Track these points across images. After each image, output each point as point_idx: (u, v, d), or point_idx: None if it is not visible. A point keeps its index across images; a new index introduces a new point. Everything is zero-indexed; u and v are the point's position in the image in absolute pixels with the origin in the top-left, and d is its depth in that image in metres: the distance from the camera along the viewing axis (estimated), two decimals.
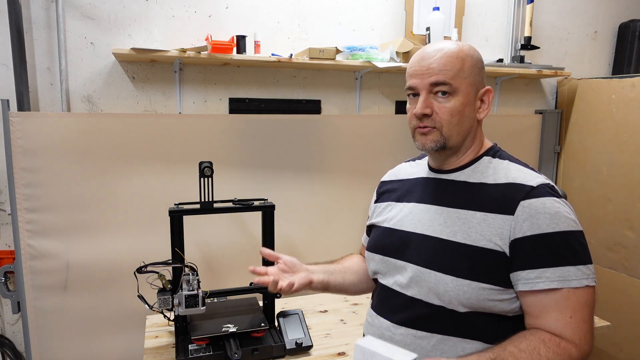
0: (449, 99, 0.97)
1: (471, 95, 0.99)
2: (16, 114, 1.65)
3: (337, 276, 1.22)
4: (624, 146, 2.21)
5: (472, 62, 0.99)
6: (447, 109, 0.98)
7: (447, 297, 0.95)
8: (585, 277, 0.90)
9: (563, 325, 0.88)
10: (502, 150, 1.07)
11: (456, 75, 0.97)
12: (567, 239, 0.90)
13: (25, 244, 1.69)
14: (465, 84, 0.98)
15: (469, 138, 1.03)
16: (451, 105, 0.97)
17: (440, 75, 0.97)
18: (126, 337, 1.83)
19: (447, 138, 0.99)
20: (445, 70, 0.97)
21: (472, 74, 0.99)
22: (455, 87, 0.97)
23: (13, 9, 1.64)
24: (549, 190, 0.94)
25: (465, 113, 0.99)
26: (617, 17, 2.64)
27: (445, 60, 0.97)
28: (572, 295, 0.88)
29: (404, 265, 1.04)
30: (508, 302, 0.94)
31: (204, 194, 1.45)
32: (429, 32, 2.14)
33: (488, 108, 1.02)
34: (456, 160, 1.05)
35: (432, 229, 1.01)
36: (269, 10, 2.01)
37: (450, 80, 0.97)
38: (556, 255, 0.89)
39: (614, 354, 2.29)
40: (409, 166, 1.21)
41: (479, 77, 1.01)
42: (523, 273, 0.90)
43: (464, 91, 0.98)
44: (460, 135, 1.00)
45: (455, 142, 1.00)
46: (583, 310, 0.89)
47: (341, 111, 2.19)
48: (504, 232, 0.92)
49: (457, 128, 0.99)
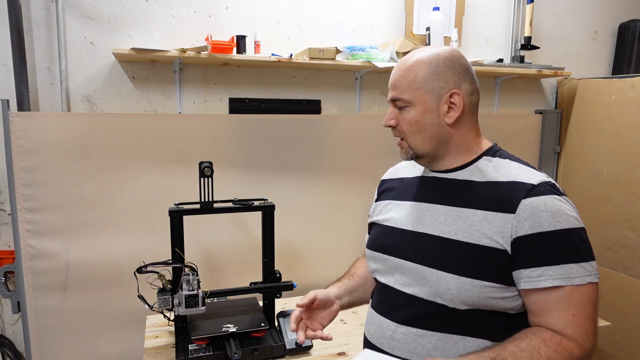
0: (407, 110, 1.02)
1: (430, 103, 1.00)
2: (16, 114, 1.65)
3: (359, 292, 1.25)
4: (624, 146, 2.21)
5: (428, 70, 0.99)
6: (405, 120, 1.02)
7: (448, 296, 0.95)
8: (587, 274, 0.89)
9: (565, 323, 0.89)
10: (503, 150, 1.07)
11: (407, 88, 1.00)
12: (569, 236, 0.90)
13: (25, 244, 1.69)
14: (420, 93, 1.00)
15: (442, 143, 1.02)
16: (409, 117, 1.02)
17: (395, 91, 1.03)
18: (126, 337, 1.83)
19: (414, 147, 1.03)
20: (397, 85, 1.02)
21: (427, 82, 0.99)
22: (407, 100, 1.01)
23: (13, 9, 1.64)
24: (550, 188, 0.94)
25: (424, 121, 1.00)
26: (617, 17, 2.64)
27: (398, 75, 1.03)
28: (575, 292, 0.89)
29: (404, 264, 1.04)
30: (510, 300, 0.94)
31: (204, 194, 1.45)
32: (429, 32, 2.14)
33: (459, 111, 1.00)
34: (443, 163, 1.05)
35: (433, 228, 1.02)
36: (269, 10, 2.01)
37: (401, 95, 1.01)
38: (558, 253, 0.89)
39: (614, 354, 2.29)
40: (410, 164, 1.21)
41: (440, 83, 0.99)
42: (526, 271, 0.91)
43: (420, 100, 1.00)
44: (426, 143, 1.02)
45: (424, 149, 1.03)
46: (586, 308, 0.89)
47: (341, 111, 2.19)
48: (506, 231, 0.92)
49: (420, 136, 1.02)
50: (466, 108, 1.01)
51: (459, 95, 1.00)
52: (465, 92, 1.00)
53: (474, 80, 1.03)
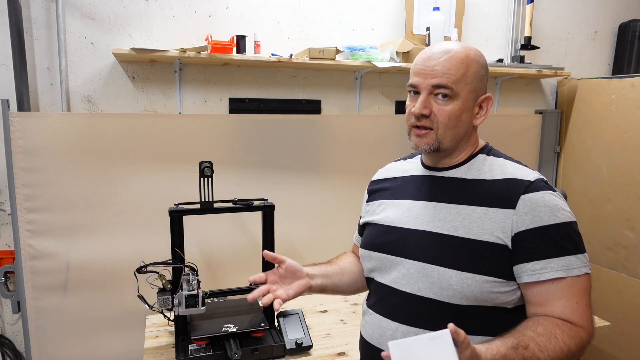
0: (449, 102, 0.99)
1: (470, 102, 1.01)
2: (16, 114, 1.65)
3: (334, 279, 1.24)
4: (624, 146, 2.21)
5: (476, 69, 1.00)
6: (446, 112, 0.99)
7: (450, 292, 0.96)
8: (584, 265, 0.94)
9: (571, 312, 0.92)
10: (495, 149, 1.10)
11: (459, 80, 0.98)
12: (567, 230, 0.94)
13: (25, 244, 1.70)
14: (467, 89, 0.99)
15: (462, 142, 1.05)
16: (450, 109, 0.99)
17: (444, 78, 0.98)
18: (126, 337, 1.83)
19: (442, 141, 1.01)
20: (449, 74, 0.98)
21: (474, 80, 1.00)
22: (456, 91, 0.98)
23: (13, 9, 1.64)
24: (545, 184, 0.98)
25: (462, 118, 1.00)
26: (617, 17, 2.64)
27: (450, 63, 0.98)
28: (576, 282, 0.92)
29: (403, 262, 1.05)
30: (509, 294, 0.96)
31: (204, 194, 1.45)
32: (429, 32, 2.14)
33: (485, 115, 1.04)
34: (449, 161, 1.07)
35: (433, 225, 1.02)
36: (269, 10, 2.01)
37: (452, 85, 0.98)
38: (558, 246, 0.93)
39: (614, 354, 2.29)
40: (400, 164, 1.21)
41: (481, 84, 1.02)
42: (528, 265, 0.93)
43: (464, 97, 0.99)
44: (455, 140, 1.02)
45: (448, 145, 1.02)
46: (585, 297, 0.93)
47: (341, 111, 2.19)
48: (506, 226, 0.94)
49: (452, 132, 1.01)
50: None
51: (490, 100, 1.04)
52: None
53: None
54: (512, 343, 0.87)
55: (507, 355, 0.86)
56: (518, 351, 0.87)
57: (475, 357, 0.80)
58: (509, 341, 0.88)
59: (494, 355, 0.85)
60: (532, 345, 0.87)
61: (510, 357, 0.86)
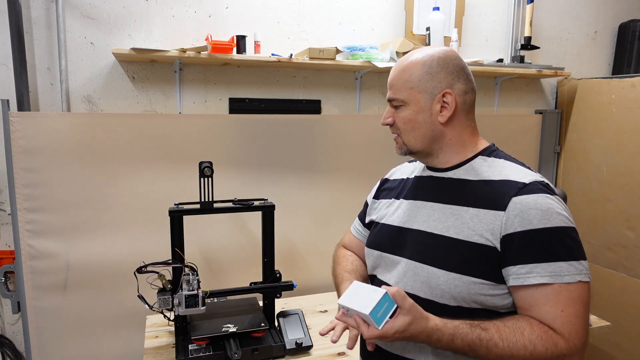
0: (402, 109, 1.05)
1: (423, 102, 1.02)
2: (16, 114, 1.65)
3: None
4: (624, 146, 2.21)
5: (422, 71, 1.02)
6: (400, 119, 1.05)
7: (439, 291, 0.97)
8: (577, 273, 0.89)
9: (553, 318, 0.89)
10: (499, 150, 1.08)
11: (401, 88, 1.04)
12: (559, 234, 0.90)
13: (25, 244, 1.69)
14: (414, 93, 1.02)
15: (435, 141, 1.05)
16: (403, 115, 1.04)
17: (391, 91, 1.06)
18: (126, 337, 1.83)
19: (407, 144, 1.06)
20: (395, 86, 1.05)
21: (421, 82, 1.02)
22: (402, 99, 1.04)
23: (13, 9, 1.64)
24: (541, 187, 0.95)
25: (418, 120, 1.03)
26: (617, 17, 2.64)
27: (394, 75, 1.06)
28: (564, 290, 0.88)
29: (398, 261, 1.06)
30: (500, 298, 0.94)
31: (204, 194, 1.45)
32: (429, 32, 2.14)
33: (452, 110, 1.02)
34: (438, 161, 1.07)
35: (427, 225, 1.03)
36: (269, 10, 2.01)
37: (396, 95, 1.05)
38: (547, 251, 0.90)
39: (614, 354, 2.29)
40: (411, 166, 1.24)
41: (434, 82, 1.01)
42: (514, 268, 0.91)
43: (413, 100, 1.03)
44: (419, 140, 1.05)
45: (417, 146, 1.06)
46: (575, 306, 0.88)
47: (341, 111, 2.19)
48: (495, 228, 0.93)
49: (414, 134, 1.04)
50: (459, 107, 1.02)
51: (451, 94, 1.01)
52: (458, 91, 1.02)
53: (469, 80, 1.04)
54: (471, 321, 0.89)
55: (460, 327, 0.88)
56: (474, 329, 0.88)
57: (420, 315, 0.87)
58: (470, 322, 0.89)
59: (445, 323, 0.89)
60: (492, 330, 0.88)
61: (463, 330, 0.88)
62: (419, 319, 0.87)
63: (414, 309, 0.87)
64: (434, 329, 0.88)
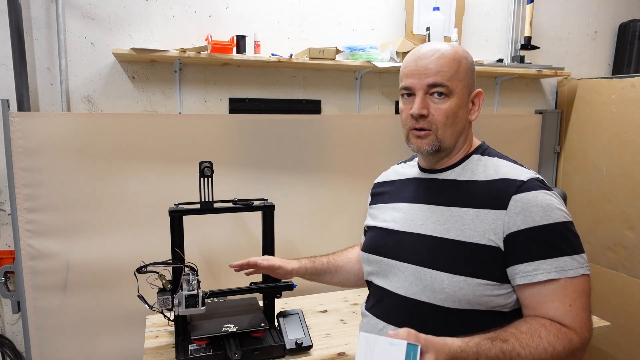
0: (445, 100, 0.99)
1: (465, 97, 1.01)
2: (16, 114, 1.65)
3: (325, 277, 1.36)
4: (624, 146, 2.21)
5: (466, 65, 1.01)
6: (443, 111, 0.99)
7: (443, 295, 0.96)
8: (580, 266, 0.91)
9: (562, 314, 0.89)
10: (491, 148, 1.09)
11: (453, 77, 0.98)
12: (561, 230, 0.91)
13: (25, 244, 1.69)
14: (461, 86, 1.00)
15: (461, 139, 1.05)
16: (447, 107, 0.99)
17: (438, 76, 0.98)
18: (126, 337, 1.83)
19: (442, 140, 1.01)
20: (443, 71, 0.98)
21: (466, 76, 1.01)
22: (451, 89, 0.98)
23: (13, 9, 1.64)
24: (539, 184, 0.95)
25: (459, 115, 1.01)
26: (617, 17, 2.64)
27: (443, 61, 0.98)
28: (570, 284, 0.90)
29: (398, 265, 1.05)
30: (504, 297, 0.95)
31: (204, 194, 1.45)
32: (429, 32, 2.14)
33: (478, 110, 1.05)
34: (448, 161, 1.07)
35: (426, 228, 1.02)
36: (269, 10, 2.01)
37: (447, 82, 0.98)
38: (552, 247, 0.90)
39: (614, 354, 2.29)
40: (400, 168, 1.22)
41: (472, 80, 1.03)
42: (520, 267, 0.91)
43: (459, 93, 1.00)
44: (454, 137, 1.02)
45: (449, 143, 1.02)
46: (581, 299, 0.90)
47: (341, 111, 2.19)
48: (498, 227, 0.93)
49: (451, 129, 1.01)
50: None
51: (482, 95, 1.04)
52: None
53: None
54: (490, 335, 0.87)
55: (481, 343, 0.85)
56: (495, 342, 0.86)
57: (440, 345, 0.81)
58: (487, 335, 0.87)
59: (467, 342, 0.84)
60: (512, 340, 0.86)
61: (485, 347, 0.85)
62: (442, 347, 0.82)
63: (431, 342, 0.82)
64: (458, 351, 0.83)
